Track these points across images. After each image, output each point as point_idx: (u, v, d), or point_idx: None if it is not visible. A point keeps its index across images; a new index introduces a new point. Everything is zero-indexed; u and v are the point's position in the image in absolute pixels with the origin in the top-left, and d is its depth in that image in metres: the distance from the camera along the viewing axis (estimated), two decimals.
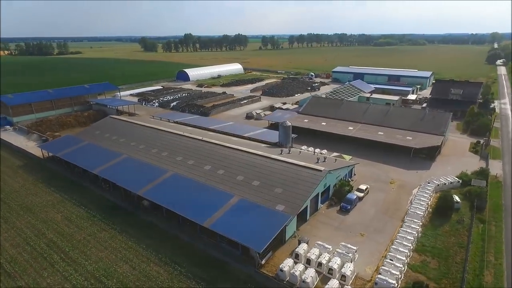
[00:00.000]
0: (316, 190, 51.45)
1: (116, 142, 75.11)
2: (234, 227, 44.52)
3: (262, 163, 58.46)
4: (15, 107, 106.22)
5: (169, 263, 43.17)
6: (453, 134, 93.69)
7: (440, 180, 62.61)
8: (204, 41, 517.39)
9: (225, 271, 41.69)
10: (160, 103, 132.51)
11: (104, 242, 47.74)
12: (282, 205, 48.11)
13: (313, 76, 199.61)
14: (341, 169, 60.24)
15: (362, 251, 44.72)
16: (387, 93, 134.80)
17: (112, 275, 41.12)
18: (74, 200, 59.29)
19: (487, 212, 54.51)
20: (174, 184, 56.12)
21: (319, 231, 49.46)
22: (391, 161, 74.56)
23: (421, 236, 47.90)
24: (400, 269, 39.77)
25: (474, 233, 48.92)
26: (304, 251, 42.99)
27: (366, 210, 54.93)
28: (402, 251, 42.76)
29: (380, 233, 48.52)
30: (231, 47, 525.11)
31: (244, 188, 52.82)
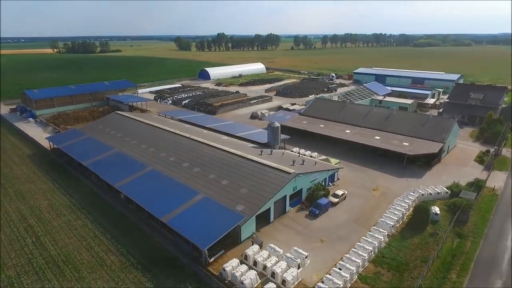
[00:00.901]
0: (281, 192, 50.95)
1: (113, 136, 79.05)
2: (189, 223, 45.42)
3: (237, 162, 58.82)
4: (38, 101, 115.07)
5: (125, 253, 45.03)
6: (463, 141, 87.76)
7: (426, 189, 59.15)
8: (236, 41, 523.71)
9: (174, 266, 42.69)
10: (174, 101, 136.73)
11: (74, 230, 50.77)
12: (242, 205, 48.27)
13: (334, 77, 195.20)
14: (318, 172, 58.93)
15: (316, 257, 43.69)
16: (403, 97, 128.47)
17: (70, 261, 43.69)
18: (63, 189, 63.46)
19: (468, 226, 50.77)
20: (150, 179, 58.14)
21: (280, 234, 48.93)
22: (383, 167, 71.56)
23: (384, 247, 45.77)
24: (345, 279, 38.40)
25: (446, 248, 45.91)
26: (254, 252, 42.85)
27: (336, 216, 53.36)
28: (355, 260, 41.21)
29: (341, 241, 46.99)
30: (263, 47, 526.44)
31: (212, 187, 53.55)
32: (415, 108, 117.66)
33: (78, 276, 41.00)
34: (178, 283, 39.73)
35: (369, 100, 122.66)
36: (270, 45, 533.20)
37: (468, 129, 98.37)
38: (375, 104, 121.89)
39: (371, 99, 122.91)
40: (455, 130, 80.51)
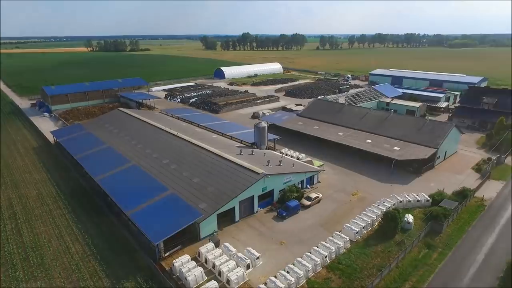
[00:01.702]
0: (248, 192, 51.03)
1: (109, 132, 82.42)
2: (150, 218, 46.61)
3: (212, 161, 59.54)
4: (53, 96, 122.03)
5: (89, 244, 47.10)
6: (467, 147, 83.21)
7: (406, 197, 56.80)
8: (261, 40, 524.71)
9: (131, 259, 44.09)
10: (182, 99, 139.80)
11: (52, 219, 53.68)
12: (205, 203, 48.89)
13: (350, 78, 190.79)
14: (292, 174, 58.33)
15: (271, 259, 43.46)
16: (414, 99, 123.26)
17: (38, 248, 46.33)
18: (54, 180, 67.13)
19: (441, 237, 48.27)
20: (129, 173, 60.17)
21: (242, 234, 49.02)
22: (371, 171, 69.49)
23: (344, 253, 44.60)
24: (289, 282, 37.93)
25: (410, 258, 44.01)
26: (207, 250, 43.34)
27: (304, 219, 52.61)
28: (305, 264, 40.58)
29: (301, 244, 46.28)
30: (288, 47, 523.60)
31: (183, 183, 54.60)
32: (424, 111, 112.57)
33: (40, 263, 43.43)
34: (129, 275, 41.04)
35: (376, 102, 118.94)
36: (295, 45, 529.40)
37: (477, 135, 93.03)
38: (382, 107, 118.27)
39: (378, 101, 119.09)
40: (454, 135, 76.46)
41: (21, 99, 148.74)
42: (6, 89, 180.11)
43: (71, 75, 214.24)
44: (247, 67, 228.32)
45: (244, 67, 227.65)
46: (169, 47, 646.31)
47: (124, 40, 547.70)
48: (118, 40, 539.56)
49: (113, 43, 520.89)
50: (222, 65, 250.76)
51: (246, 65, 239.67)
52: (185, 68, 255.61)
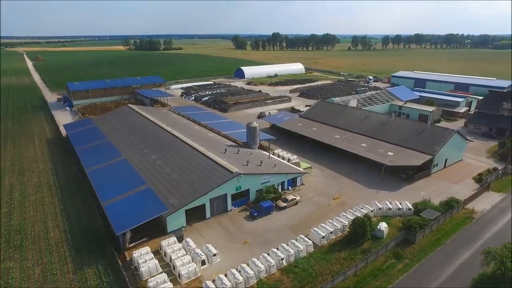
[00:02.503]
0: (219, 190, 51.77)
1: (113, 127, 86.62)
2: (121, 210, 48.76)
3: (194, 158, 60.90)
4: (75, 92, 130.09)
5: (67, 231, 50.15)
6: (476, 156, 78.19)
7: (387, 204, 54.64)
8: (291, 40, 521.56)
9: (101, 247, 46.29)
10: (196, 97, 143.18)
11: (42, 205, 57.64)
12: (176, 198, 50.31)
13: (371, 79, 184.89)
14: (271, 174, 58.19)
15: (229, 257, 43.93)
16: (431, 103, 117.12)
17: (21, 231, 50.09)
18: (55, 170, 71.85)
19: (414, 248, 46.05)
20: (116, 167, 63.04)
21: (209, 231, 49.82)
22: (360, 176, 67.59)
23: (304, 256, 43.96)
24: (237, 281, 38.18)
25: (372, 267, 42.53)
26: (168, 244, 44.64)
27: (276, 220, 52.39)
28: (258, 265, 40.60)
29: (264, 245, 46.13)
30: (318, 47, 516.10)
31: (162, 179, 56.38)
32: (439, 116, 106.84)
33: (18, 245, 46.96)
34: (92, 262, 43.29)
35: (388, 106, 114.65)
36: (326, 45, 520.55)
37: (492, 143, 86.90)
38: (395, 110, 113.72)
39: (391, 105, 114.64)
40: (457, 143, 72.08)
41: (51, 94, 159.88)
42: (42, 84, 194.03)
43: (103, 72, 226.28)
44: (268, 67, 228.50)
45: (265, 67, 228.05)
46: (201, 46, 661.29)
47: (158, 39, 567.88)
48: (153, 39, 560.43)
49: (148, 42, 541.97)
50: (246, 64, 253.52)
51: (268, 65, 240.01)
52: (209, 67, 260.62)
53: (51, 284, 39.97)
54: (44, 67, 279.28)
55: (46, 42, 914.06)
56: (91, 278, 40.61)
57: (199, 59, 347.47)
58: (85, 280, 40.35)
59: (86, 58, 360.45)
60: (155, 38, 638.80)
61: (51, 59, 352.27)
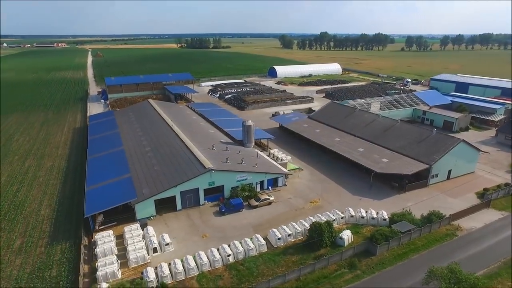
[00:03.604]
0: (190, 183, 53.67)
1: (127, 120, 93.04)
2: (98, 195, 52.92)
3: (180, 152, 63.41)
4: (110, 86, 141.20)
5: (55, 210, 55.65)
6: (492, 169, 70.89)
7: (360, 212, 52.17)
8: (339, 40, 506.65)
9: (77, 227, 50.70)
10: (220, 95, 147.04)
11: (45, 187, 64.30)
12: (149, 188, 53.26)
13: (409, 82, 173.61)
14: (248, 173, 58.63)
15: (183, 248, 45.71)
16: (462, 109, 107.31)
17: (20, 207, 56.70)
18: (68, 156, 79.49)
19: (372, 259, 43.67)
20: (112, 156, 68.06)
21: (175, 222, 51.90)
22: (350, 181, 65.13)
23: (254, 256, 43.99)
24: (176, 271, 39.71)
25: (319, 274, 41.35)
26: (130, 229, 47.57)
27: (242, 218, 52.88)
28: (201, 258, 41.72)
29: (221, 240, 46.82)
30: (368, 47, 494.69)
31: (145, 169, 59.81)
32: (466, 124, 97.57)
33: (12, 219, 53.32)
34: (64, 239, 47.79)
35: (411, 110, 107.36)
36: (377, 45, 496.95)
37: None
38: (418, 115, 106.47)
39: (414, 109, 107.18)
40: (466, 153, 65.76)
41: (95, 87, 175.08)
42: (92, 78, 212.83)
43: (147, 68, 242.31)
44: (303, 66, 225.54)
45: (299, 66, 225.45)
46: (250, 45, 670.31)
47: (208, 38, 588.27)
48: (203, 37, 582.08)
49: (198, 40, 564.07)
50: (285, 63, 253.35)
51: (303, 64, 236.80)
52: (246, 66, 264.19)
53: (23, 255, 45.08)
54: (100, 62, 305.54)
55: (112, 40, 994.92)
56: (56, 253, 45.00)
57: (241, 57, 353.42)
58: (51, 254, 44.81)
59: (138, 55, 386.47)
60: (210, 36, 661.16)
61: (109, 56, 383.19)
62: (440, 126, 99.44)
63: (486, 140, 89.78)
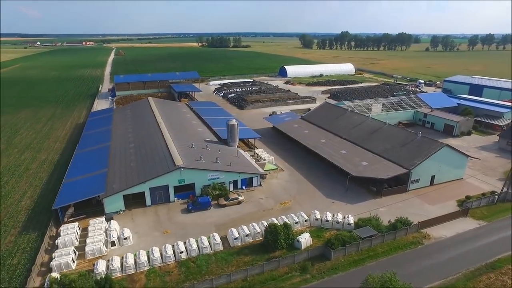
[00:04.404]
0: (159, 180, 54.69)
1: (123, 116, 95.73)
2: (72, 188, 55.03)
3: (158, 149, 64.62)
4: (118, 84, 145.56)
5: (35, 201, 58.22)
6: (484, 176, 67.53)
7: (326, 216, 51.16)
8: (360, 40, 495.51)
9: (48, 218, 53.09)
10: (224, 94, 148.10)
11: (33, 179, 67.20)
12: (119, 183, 54.75)
13: (422, 84, 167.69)
14: (220, 172, 58.92)
15: (141, 243, 46.68)
16: (468, 112, 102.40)
17: (5, 197, 59.89)
18: (63, 150, 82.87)
19: (326, 264, 42.84)
20: (98, 151, 70.24)
21: (142, 217, 52.99)
22: (327, 183, 64.10)
23: (207, 254, 44.24)
24: (126, 265, 40.73)
25: (267, 276, 41.05)
26: (95, 223, 49.16)
27: (208, 216, 53.27)
28: (153, 254, 42.47)
29: (181, 238, 47.02)
30: (390, 47, 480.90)
31: (122, 166, 61.46)
32: (469, 128, 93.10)
33: None
34: (34, 229, 50.05)
35: (412, 112, 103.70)
36: (401, 45, 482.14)
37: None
38: (420, 118, 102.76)
39: (415, 112, 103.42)
40: (452, 158, 62.86)
41: (109, 85, 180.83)
42: (107, 76, 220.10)
43: (162, 66, 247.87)
44: (314, 66, 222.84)
45: (311, 66, 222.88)
46: (271, 44, 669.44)
47: (228, 37, 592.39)
48: (223, 36, 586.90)
49: (218, 39, 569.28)
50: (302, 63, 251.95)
51: (315, 64, 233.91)
52: (261, 65, 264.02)
53: None
54: (120, 61, 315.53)
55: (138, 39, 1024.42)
56: (23, 243, 47.23)
57: (257, 56, 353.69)
58: (18, 243, 47.06)
59: (158, 53, 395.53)
60: (235, 35, 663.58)
61: (131, 54, 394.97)
62: (440, 130, 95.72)
63: (486, 146, 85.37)
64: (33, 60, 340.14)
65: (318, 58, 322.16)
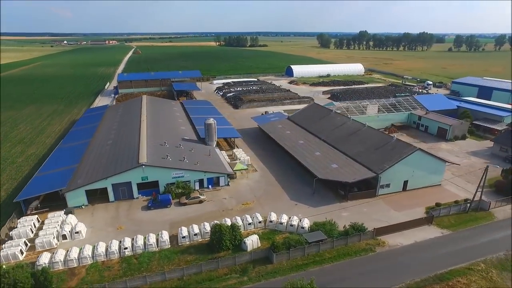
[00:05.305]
0: (123, 177, 55.58)
1: (114, 114, 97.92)
2: (41, 181, 56.93)
3: (131, 147, 65.58)
4: (121, 82, 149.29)
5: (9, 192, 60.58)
6: (466, 183, 64.33)
7: (281, 219, 50.25)
8: (379, 39, 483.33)
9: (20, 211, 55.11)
10: (223, 93, 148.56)
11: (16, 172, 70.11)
12: (83, 179, 56.06)
13: (430, 85, 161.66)
14: (185, 170, 59.13)
15: (93, 238, 47.59)
16: (466, 115, 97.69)
17: None
18: (52, 145, 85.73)
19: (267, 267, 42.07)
20: (76, 147, 72.10)
21: (102, 212, 53.96)
22: (296, 185, 63.09)
23: (152, 251, 44.54)
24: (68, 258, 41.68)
25: (205, 276, 40.85)
26: (53, 216, 50.61)
27: (166, 214, 53.59)
28: (98, 249, 43.19)
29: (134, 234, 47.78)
30: (411, 47, 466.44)
31: (94, 162, 62.68)
32: (464, 132, 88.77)
33: None
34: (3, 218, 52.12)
35: (407, 115, 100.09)
36: (422, 45, 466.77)
37: None
38: (414, 121, 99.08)
39: (410, 114, 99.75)
40: (426, 163, 60.05)
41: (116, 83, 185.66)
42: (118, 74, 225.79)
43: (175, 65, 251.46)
44: (321, 66, 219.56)
45: (318, 66, 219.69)
46: (289, 43, 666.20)
47: (245, 36, 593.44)
48: (240, 36, 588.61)
49: (236, 38, 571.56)
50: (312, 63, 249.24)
51: (324, 64, 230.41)
52: (271, 64, 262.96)
53: None
54: (135, 59, 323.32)
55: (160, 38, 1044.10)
56: None
57: (270, 56, 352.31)
58: None
59: (174, 52, 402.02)
60: (255, 35, 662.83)
61: (148, 53, 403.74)
62: (434, 133, 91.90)
63: (479, 151, 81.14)
64: (54, 58, 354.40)
65: (331, 58, 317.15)
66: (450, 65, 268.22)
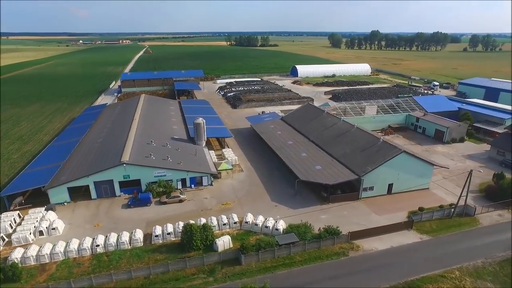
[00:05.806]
0: (104, 175, 56.23)
1: (111, 112, 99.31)
2: (28, 178, 58.17)
3: (117, 145, 66.22)
4: (124, 81, 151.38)
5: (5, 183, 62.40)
6: (455, 187, 62.00)
7: (256, 220, 49.84)
8: (391, 39, 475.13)
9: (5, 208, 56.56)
10: (224, 93, 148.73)
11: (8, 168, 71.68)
12: (66, 177, 56.97)
13: (436, 86, 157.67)
14: (167, 170, 59.35)
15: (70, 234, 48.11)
16: (466, 117, 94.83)
17: None
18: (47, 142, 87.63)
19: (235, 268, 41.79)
20: (67, 145, 73.27)
21: (83, 210, 54.66)
22: (280, 187, 62.62)
23: (124, 249, 44.85)
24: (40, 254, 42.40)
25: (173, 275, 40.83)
26: (34, 212, 51.64)
27: (145, 213, 53.94)
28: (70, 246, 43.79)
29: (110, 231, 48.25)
30: (424, 47, 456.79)
31: (81, 159, 63.61)
32: (462, 134, 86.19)
33: None
34: None
35: (404, 116, 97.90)
36: (436, 45, 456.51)
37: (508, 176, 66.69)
38: (412, 122, 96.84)
39: (408, 115, 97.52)
40: (413, 166, 58.45)
41: None
42: None
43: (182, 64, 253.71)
44: (327, 66, 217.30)
45: (323, 66, 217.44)
46: (300, 43, 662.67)
47: (256, 36, 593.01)
48: (251, 35, 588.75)
49: (246, 38, 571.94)
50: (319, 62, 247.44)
51: (330, 64, 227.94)
52: (277, 64, 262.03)
53: None
54: (144, 58, 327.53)
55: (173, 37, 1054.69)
56: None
57: (278, 55, 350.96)
58: None
59: (184, 52, 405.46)
60: (268, 35, 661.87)
61: (158, 52, 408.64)
62: (431, 136, 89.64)
63: (476, 154, 78.64)
64: (67, 57, 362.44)
65: (340, 58, 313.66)
66: (461, 65, 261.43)
